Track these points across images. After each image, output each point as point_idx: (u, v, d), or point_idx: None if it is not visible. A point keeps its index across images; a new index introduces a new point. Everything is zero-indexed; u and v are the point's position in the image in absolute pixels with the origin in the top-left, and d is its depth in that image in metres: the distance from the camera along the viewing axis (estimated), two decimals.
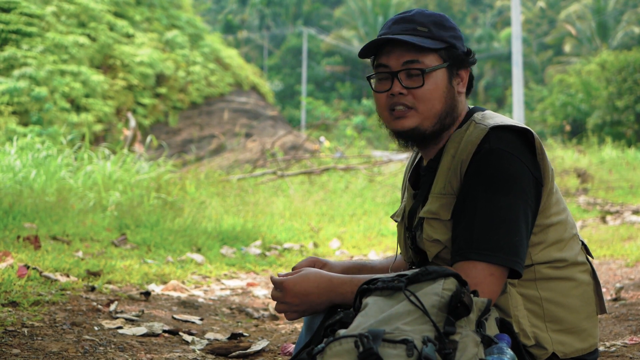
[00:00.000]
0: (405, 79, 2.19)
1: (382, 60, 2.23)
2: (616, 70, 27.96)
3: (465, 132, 2.18)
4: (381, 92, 2.24)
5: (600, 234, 8.38)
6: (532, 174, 2.09)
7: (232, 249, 6.84)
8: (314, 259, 2.44)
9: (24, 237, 5.44)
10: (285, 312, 2.18)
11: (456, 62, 2.22)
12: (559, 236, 2.16)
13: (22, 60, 17.67)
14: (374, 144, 30.51)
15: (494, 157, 2.07)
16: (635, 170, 17.91)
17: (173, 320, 3.92)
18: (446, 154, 2.19)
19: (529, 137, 2.12)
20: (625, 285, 5.13)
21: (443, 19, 2.24)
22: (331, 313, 2.06)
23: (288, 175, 12.84)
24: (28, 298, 3.70)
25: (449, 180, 2.16)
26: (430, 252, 2.20)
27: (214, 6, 63.60)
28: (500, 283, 2.05)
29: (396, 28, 2.21)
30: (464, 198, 2.10)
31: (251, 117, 25.17)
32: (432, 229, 2.18)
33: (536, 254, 2.14)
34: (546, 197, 2.14)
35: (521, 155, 2.08)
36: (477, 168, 2.09)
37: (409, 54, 2.18)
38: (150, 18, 24.30)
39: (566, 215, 2.21)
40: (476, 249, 2.03)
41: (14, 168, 8.50)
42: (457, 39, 2.23)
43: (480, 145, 2.10)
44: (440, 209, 2.16)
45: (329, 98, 52.10)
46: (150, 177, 9.60)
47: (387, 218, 10.17)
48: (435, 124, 2.20)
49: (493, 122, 2.14)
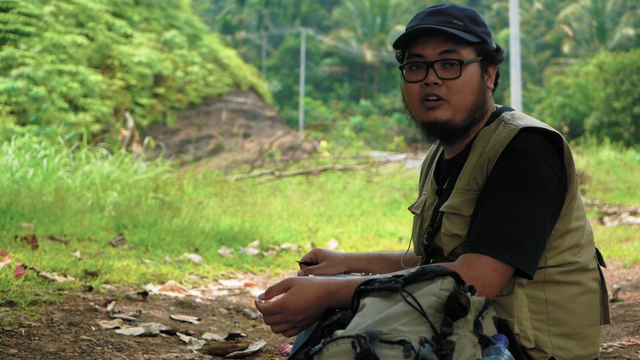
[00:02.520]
0: (441, 69, 2.16)
1: (416, 50, 2.19)
2: (614, 72, 27.99)
3: (495, 130, 2.17)
4: (414, 82, 2.20)
5: (598, 235, 8.39)
6: (559, 178, 2.08)
7: (229, 250, 6.83)
8: (317, 251, 2.47)
9: (22, 237, 5.44)
10: (286, 331, 2.11)
11: (488, 57, 2.22)
12: (575, 241, 2.15)
13: (20, 60, 17.66)
14: (372, 145, 30.57)
15: (522, 157, 2.06)
16: (633, 172, 17.95)
17: (170, 320, 3.92)
18: (474, 151, 2.18)
19: (557, 142, 2.11)
20: (623, 287, 5.14)
21: (475, 14, 2.24)
22: (329, 313, 2.05)
23: (286, 176, 12.84)
24: (25, 298, 3.70)
25: (474, 177, 2.14)
26: (447, 247, 2.18)
27: (213, 6, 63.60)
28: (502, 280, 2.03)
29: (431, 20, 2.19)
30: (486, 194, 2.09)
31: (249, 118, 25.17)
32: (452, 224, 2.16)
33: (551, 258, 2.12)
34: (569, 202, 2.12)
35: (549, 158, 2.07)
36: (504, 167, 2.07)
37: (446, 44, 2.16)
38: (149, 18, 24.29)
39: (585, 221, 2.19)
40: (485, 242, 2.02)
41: (12, 168, 8.50)
42: (488, 35, 2.23)
43: (510, 145, 2.09)
44: (462, 205, 2.15)
45: (327, 99, 52.10)
46: (148, 177, 9.59)
47: (384, 219, 10.18)
48: (467, 118, 2.18)
49: (524, 124, 2.12)
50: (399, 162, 15.55)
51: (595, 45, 44.09)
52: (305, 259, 2.50)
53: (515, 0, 23.09)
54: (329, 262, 2.46)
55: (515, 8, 23.13)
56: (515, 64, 22.87)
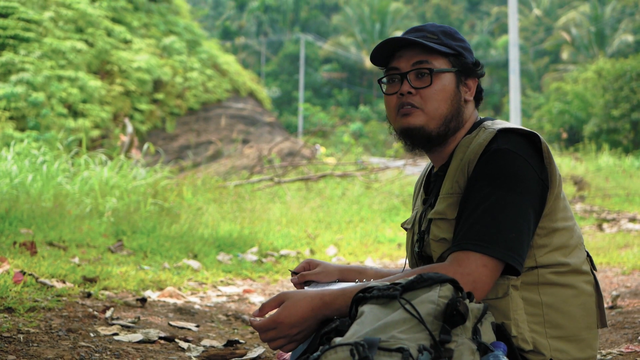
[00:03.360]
0: (414, 79, 2.25)
1: (393, 64, 2.29)
2: (613, 78, 28.02)
3: (475, 137, 2.22)
4: (391, 94, 2.30)
5: (597, 241, 8.39)
6: (538, 175, 2.12)
7: (228, 256, 6.83)
8: (310, 261, 2.50)
9: (20, 242, 5.44)
10: (283, 346, 2.09)
11: (464, 69, 2.29)
12: (564, 241, 2.18)
13: (20, 65, 17.66)
14: (371, 151, 30.58)
15: (500, 155, 2.10)
16: (632, 178, 17.95)
17: (169, 326, 3.92)
18: (455, 157, 2.23)
19: (536, 141, 2.16)
20: (622, 293, 5.13)
21: (452, 30, 2.33)
22: (327, 321, 2.05)
23: (285, 182, 12.84)
24: (24, 304, 3.70)
25: (456, 180, 2.19)
26: (435, 252, 2.22)
27: (212, 12, 63.70)
28: (494, 275, 2.05)
29: (408, 36, 2.29)
30: (468, 194, 2.13)
31: (248, 124, 25.17)
32: (439, 228, 2.20)
33: (540, 256, 2.15)
34: (553, 201, 2.16)
35: (527, 156, 2.11)
36: (483, 166, 2.12)
37: (418, 56, 2.25)
38: (148, 24, 24.31)
39: (573, 223, 2.23)
40: (472, 239, 2.05)
41: (11, 173, 8.49)
42: (465, 50, 2.31)
43: (488, 146, 2.14)
44: (447, 209, 2.19)
45: (326, 105, 52.18)
46: (147, 183, 9.59)
47: (383, 225, 10.18)
48: (441, 126, 2.24)
49: (501, 126, 2.19)
50: (398, 168, 15.56)
51: (594, 51, 44.16)
52: (297, 268, 2.52)
53: (514, 7, 23.13)
54: (322, 269, 2.48)
55: (514, 14, 23.17)
56: (514, 70, 22.90)
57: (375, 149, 34.10)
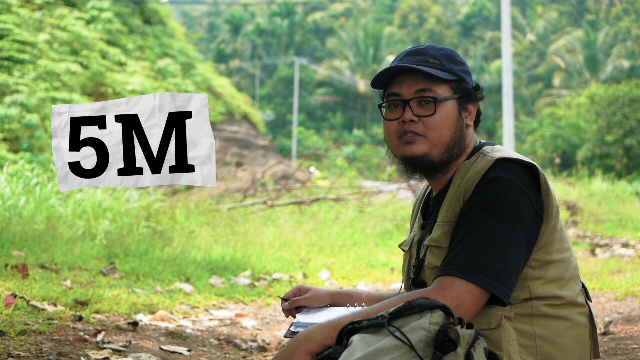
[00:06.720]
0: (417, 107, 2.24)
1: (393, 89, 2.28)
2: (605, 104, 28.14)
3: (473, 163, 2.22)
4: (392, 120, 2.28)
5: (590, 267, 8.39)
6: (533, 206, 2.11)
7: (221, 279, 6.81)
8: (300, 287, 2.49)
9: (12, 265, 5.42)
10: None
11: (466, 95, 2.28)
12: (559, 274, 2.16)
13: (14, 87, 17.66)
14: (364, 175, 30.58)
15: (495, 184, 2.10)
16: (625, 204, 17.98)
17: (160, 351, 3.90)
18: (453, 184, 2.23)
19: (534, 172, 2.15)
20: (614, 319, 5.13)
21: (453, 53, 2.31)
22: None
23: (278, 205, 12.82)
24: (15, 327, 3.68)
25: (452, 208, 2.19)
26: (429, 280, 2.22)
27: (207, 35, 63.92)
28: (478, 303, 2.04)
29: (408, 60, 2.27)
30: (461, 221, 2.13)
31: (242, 146, 25.20)
32: (434, 256, 2.20)
33: (535, 288, 2.14)
34: (549, 233, 2.14)
35: (524, 186, 2.10)
36: (478, 193, 2.12)
37: (421, 83, 2.24)
38: (143, 46, 24.37)
39: (569, 254, 2.21)
40: (458, 265, 2.04)
41: (3, 195, 8.47)
42: (466, 74, 2.30)
43: (485, 174, 2.14)
44: (441, 237, 2.19)
45: (320, 128, 52.25)
46: (140, 206, 9.58)
47: (376, 249, 10.17)
48: (444, 153, 2.24)
49: (500, 155, 2.18)
50: (391, 192, 15.55)
51: (586, 77, 44.39)
52: (288, 295, 2.51)
53: (507, 32, 23.26)
54: (312, 294, 2.46)
55: (508, 39, 23.29)
56: (508, 95, 22.98)
57: (369, 172, 34.10)
